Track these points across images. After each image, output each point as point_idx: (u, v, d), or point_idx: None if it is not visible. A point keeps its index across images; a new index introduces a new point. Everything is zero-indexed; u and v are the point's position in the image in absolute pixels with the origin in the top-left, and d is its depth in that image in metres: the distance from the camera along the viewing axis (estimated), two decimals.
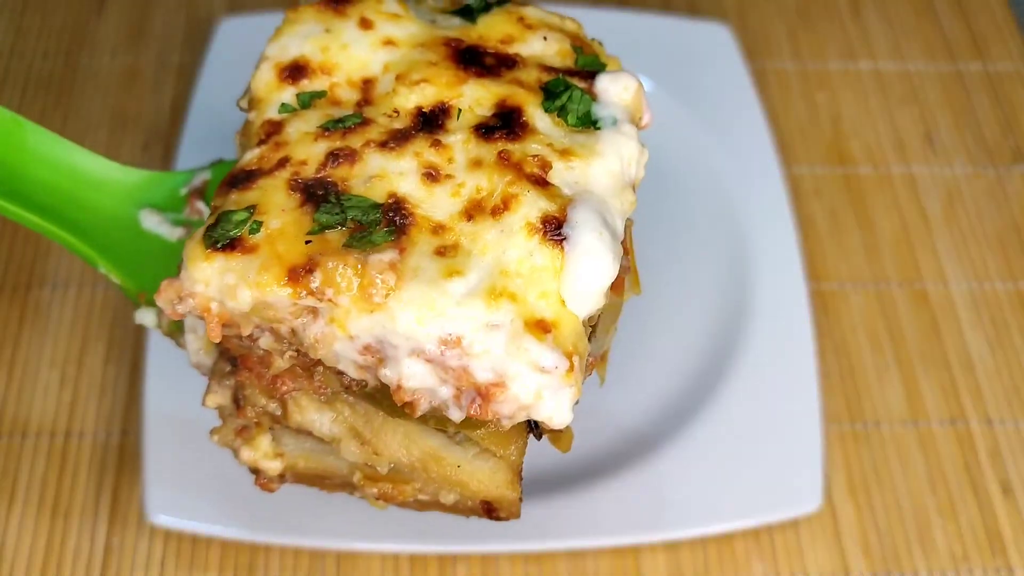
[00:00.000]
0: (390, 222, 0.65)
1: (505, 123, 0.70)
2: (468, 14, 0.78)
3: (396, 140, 0.69)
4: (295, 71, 0.74)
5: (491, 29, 0.76)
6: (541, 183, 0.67)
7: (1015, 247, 1.11)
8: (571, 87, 0.72)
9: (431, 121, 0.70)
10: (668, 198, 1.09)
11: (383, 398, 0.68)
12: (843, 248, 1.10)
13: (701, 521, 0.89)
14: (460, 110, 0.71)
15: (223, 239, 0.64)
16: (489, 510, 0.75)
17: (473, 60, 0.74)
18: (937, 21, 1.30)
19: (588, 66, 0.76)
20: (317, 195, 0.66)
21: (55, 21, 1.24)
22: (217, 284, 0.63)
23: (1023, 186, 1.16)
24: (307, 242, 0.64)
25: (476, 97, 0.72)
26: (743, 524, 0.90)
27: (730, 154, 1.10)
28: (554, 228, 0.65)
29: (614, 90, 0.74)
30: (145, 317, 0.81)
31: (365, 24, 0.75)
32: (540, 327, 0.63)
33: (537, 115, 0.71)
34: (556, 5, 1.06)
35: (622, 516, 0.89)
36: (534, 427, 0.69)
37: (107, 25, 1.24)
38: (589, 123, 0.72)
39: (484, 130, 0.70)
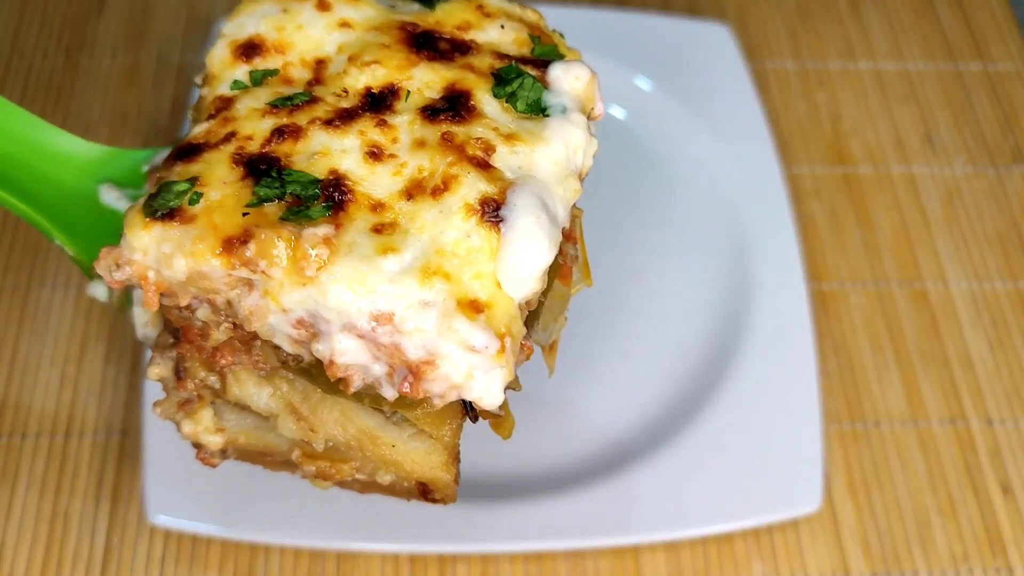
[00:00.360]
0: (329, 198, 0.65)
1: (452, 106, 0.70)
2: (428, 1, 0.79)
3: (342, 118, 0.70)
4: (249, 49, 0.74)
5: (449, 15, 0.77)
6: (483, 166, 0.68)
7: (1015, 247, 1.11)
8: (523, 74, 0.73)
9: (379, 102, 0.71)
10: (668, 198, 1.09)
11: (319, 374, 0.68)
12: (843, 248, 1.10)
13: (701, 521, 0.89)
14: (408, 92, 0.71)
15: (163, 208, 0.65)
16: (425, 492, 0.75)
17: (426, 44, 0.74)
18: (937, 21, 1.30)
19: (544, 55, 0.76)
20: (259, 169, 0.66)
21: (55, 21, 1.24)
22: (154, 253, 0.64)
23: (1023, 186, 1.16)
24: (244, 214, 0.64)
25: (426, 80, 0.72)
26: (743, 524, 0.90)
27: (730, 154, 1.10)
28: (492, 210, 0.65)
29: (566, 79, 0.74)
30: (97, 290, 0.81)
31: (323, 6, 0.76)
32: (472, 307, 0.63)
33: (486, 100, 0.71)
34: (555, 5, 1.06)
35: (622, 516, 0.89)
36: (469, 409, 0.69)
37: (107, 25, 1.24)
38: (539, 110, 0.72)
39: (430, 112, 0.70)
